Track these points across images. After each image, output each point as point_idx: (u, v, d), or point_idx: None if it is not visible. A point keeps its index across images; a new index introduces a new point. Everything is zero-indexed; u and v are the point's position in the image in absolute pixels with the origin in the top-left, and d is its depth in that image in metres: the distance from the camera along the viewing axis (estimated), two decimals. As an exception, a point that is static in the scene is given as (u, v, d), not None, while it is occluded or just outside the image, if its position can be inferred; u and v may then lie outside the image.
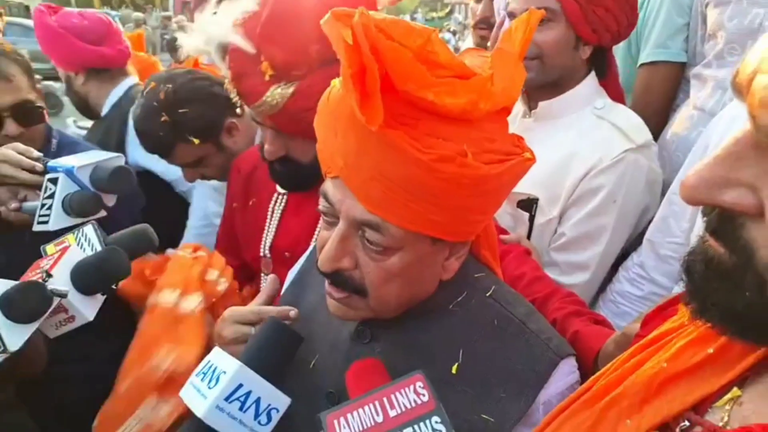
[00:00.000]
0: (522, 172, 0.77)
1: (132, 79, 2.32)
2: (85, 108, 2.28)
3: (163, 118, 1.53)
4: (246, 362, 0.77)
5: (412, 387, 0.65)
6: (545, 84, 1.43)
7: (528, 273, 1.15)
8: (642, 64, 1.77)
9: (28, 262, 1.00)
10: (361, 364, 0.75)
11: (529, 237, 1.43)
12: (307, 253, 1.08)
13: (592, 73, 1.47)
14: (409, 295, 0.81)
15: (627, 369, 0.62)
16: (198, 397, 0.75)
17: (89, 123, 2.56)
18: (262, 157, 1.28)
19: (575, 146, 1.38)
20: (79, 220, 1.22)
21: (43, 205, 1.26)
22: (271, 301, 1.00)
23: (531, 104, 1.51)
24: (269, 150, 1.23)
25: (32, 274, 0.99)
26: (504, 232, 1.34)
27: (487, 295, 0.85)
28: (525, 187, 1.36)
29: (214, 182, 1.76)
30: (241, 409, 0.75)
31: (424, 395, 0.64)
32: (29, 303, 0.90)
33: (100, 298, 1.01)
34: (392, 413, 0.64)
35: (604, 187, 1.33)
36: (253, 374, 0.77)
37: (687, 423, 0.54)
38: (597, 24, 1.36)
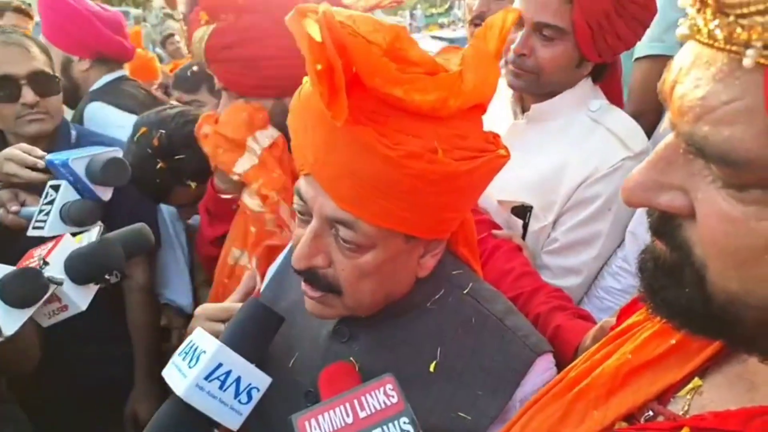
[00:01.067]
0: (496, 168, 0.77)
1: (123, 71, 2.34)
2: (73, 95, 2.27)
3: (159, 165, 1.52)
4: (226, 342, 0.79)
5: (382, 389, 0.66)
6: (537, 95, 1.39)
7: (517, 268, 1.16)
8: (638, 58, 1.77)
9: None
10: (333, 367, 0.76)
11: None
12: (285, 251, 1.07)
13: (585, 80, 1.41)
14: (384, 292, 0.80)
15: (595, 361, 0.63)
16: (178, 375, 0.76)
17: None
18: None
19: (570, 153, 1.34)
20: (74, 229, 1.23)
21: (41, 211, 1.27)
22: (246, 298, 1.00)
23: (524, 106, 1.47)
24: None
25: (28, 262, 1.01)
26: (497, 226, 1.33)
27: (464, 292, 0.85)
28: (519, 194, 1.37)
29: None
30: (221, 388, 0.76)
31: (393, 397, 0.65)
32: (26, 288, 0.92)
33: (93, 288, 1.03)
34: (362, 414, 0.65)
35: (601, 195, 1.30)
36: (233, 354, 0.78)
37: (651, 413, 0.56)
38: (603, 48, 1.29)
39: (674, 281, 0.47)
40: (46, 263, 0.97)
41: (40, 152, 1.39)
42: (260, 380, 0.80)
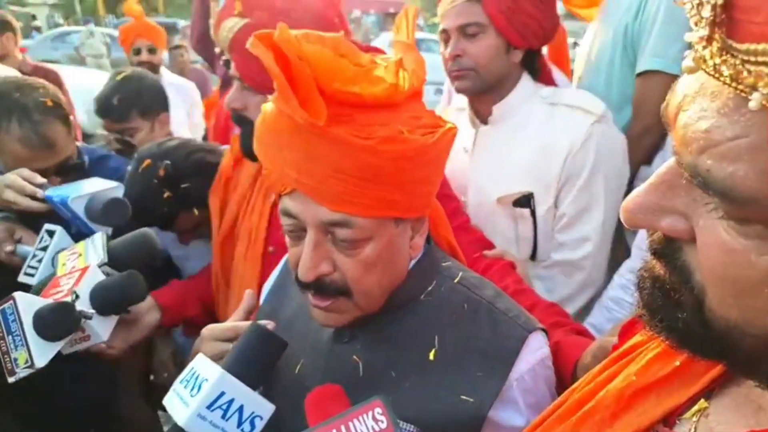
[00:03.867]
0: (451, 140, 0.83)
1: None
2: None
3: (166, 195, 1.52)
4: (229, 369, 0.78)
5: (370, 413, 0.65)
6: (483, 91, 1.53)
7: (511, 285, 1.18)
8: (640, 74, 1.76)
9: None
10: (320, 390, 0.76)
11: (535, 230, 1.50)
12: (281, 264, 1.09)
13: (526, 74, 1.56)
14: (389, 280, 0.84)
15: (599, 382, 0.62)
16: (180, 404, 0.76)
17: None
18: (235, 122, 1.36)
19: (544, 136, 1.47)
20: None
21: (34, 256, 1.27)
22: (249, 316, 1.02)
23: (480, 114, 1.59)
24: (230, 98, 1.33)
25: (55, 291, 1.01)
26: (489, 246, 1.37)
27: (455, 281, 0.88)
28: (514, 186, 1.49)
29: None
30: (223, 417, 0.75)
31: (382, 421, 0.65)
32: (61, 323, 0.93)
33: (114, 318, 1.03)
34: None
35: (587, 162, 1.43)
36: (236, 381, 0.77)
37: None
38: (523, 29, 1.46)
39: (672, 303, 0.46)
40: (77, 296, 0.97)
41: (40, 180, 1.38)
42: (264, 408, 0.79)
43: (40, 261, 1.25)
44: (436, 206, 0.96)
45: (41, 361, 0.90)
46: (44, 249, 1.26)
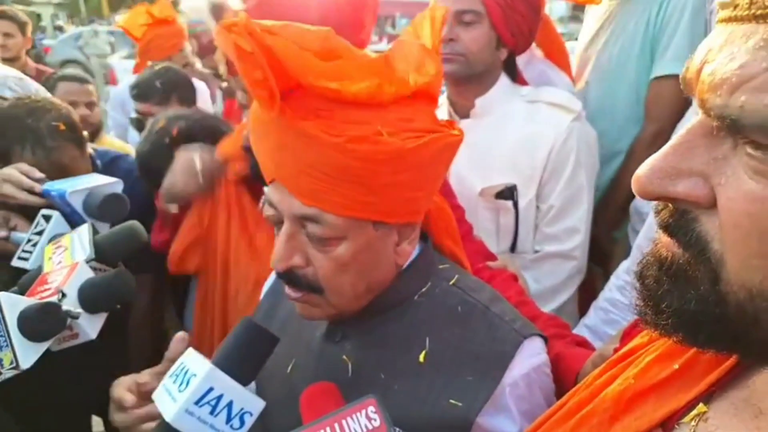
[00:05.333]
0: (450, 147, 0.80)
1: None
2: None
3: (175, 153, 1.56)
4: (218, 364, 0.76)
5: (364, 411, 0.64)
6: (468, 79, 1.57)
7: (513, 297, 1.17)
8: (657, 77, 1.74)
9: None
10: (314, 388, 0.74)
11: (516, 223, 1.54)
12: None
13: (504, 74, 1.62)
14: (365, 284, 0.82)
15: (598, 386, 0.61)
16: (168, 399, 0.74)
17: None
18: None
19: (526, 130, 1.53)
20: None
21: (29, 240, 1.25)
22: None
23: (460, 108, 1.64)
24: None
25: (42, 289, 0.99)
26: (492, 257, 1.36)
27: (451, 283, 0.87)
28: (496, 178, 1.54)
29: None
30: (212, 413, 0.74)
31: (375, 420, 0.64)
32: (47, 324, 0.91)
33: (103, 316, 1.02)
34: None
35: (570, 156, 1.51)
36: (225, 377, 0.75)
37: None
38: (514, 28, 1.53)
39: (683, 282, 0.44)
40: (64, 295, 0.96)
41: (38, 174, 1.37)
42: (253, 404, 0.77)
43: (35, 245, 1.23)
44: (443, 216, 0.94)
45: (26, 362, 0.88)
46: (39, 233, 1.24)
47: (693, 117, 0.44)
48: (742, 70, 0.38)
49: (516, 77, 1.66)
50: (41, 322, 0.89)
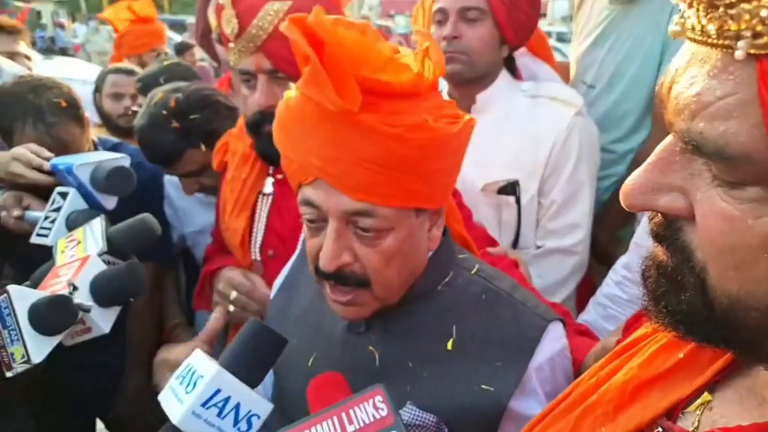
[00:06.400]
0: (470, 131, 0.83)
1: None
2: None
3: (173, 125, 1.55)
4: (226, 366, 0.75)
5: (371, 401, 0.64)
6: (471, 79, 1.55)
7: None
8: None
9: (18, 270, 0.99)
10: (322, 378, 0.75)
11: (519, 219, 1.53)
12: (293, 259, 1.08)
13: (505, 70, 1.61)
14: (408, 272, 0.83)
15: (602, 376, 0.62)
16: (175, 401, 0.73)
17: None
18: (248, 131, 1.28)
19: (528, 126, 1.53)
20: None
21: (46, 218, 1.24)
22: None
23: (459, 105, 1.60)
24: (259, 98, 1.19)
25: (54, 283, 0.99)
26: (493, 243, 1.36)
27: (473, 272, 0.88)
28: (499, 174, 1.53)
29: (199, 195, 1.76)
30: (219, 415, 0.73)
31: (382, 409, 0.64)
32: (57, 317, 0.90)
33: (116, 310, 1.01)
34: (350, 428, 0.63)
35: (572, 152, 1.50)
36: (233, 378, 0.75)
37: (660, 429, 0.54)
38: (518, 26, 1.52)
39: (675, 286, 0.46)
40: (75, 288, 0.95)
41: (47, 153, 1.37)
42: (261, 407, 0.76)
43: (53, 222, 1.22)
44: (449, 200, 0.96)
45: (38, 356, 0.87)
46: (57, 210, 1.23)
47: None
48: (699, 97, 0.39)
49: (515, 72, 1.65)
50: (52, 315, 0.89)
